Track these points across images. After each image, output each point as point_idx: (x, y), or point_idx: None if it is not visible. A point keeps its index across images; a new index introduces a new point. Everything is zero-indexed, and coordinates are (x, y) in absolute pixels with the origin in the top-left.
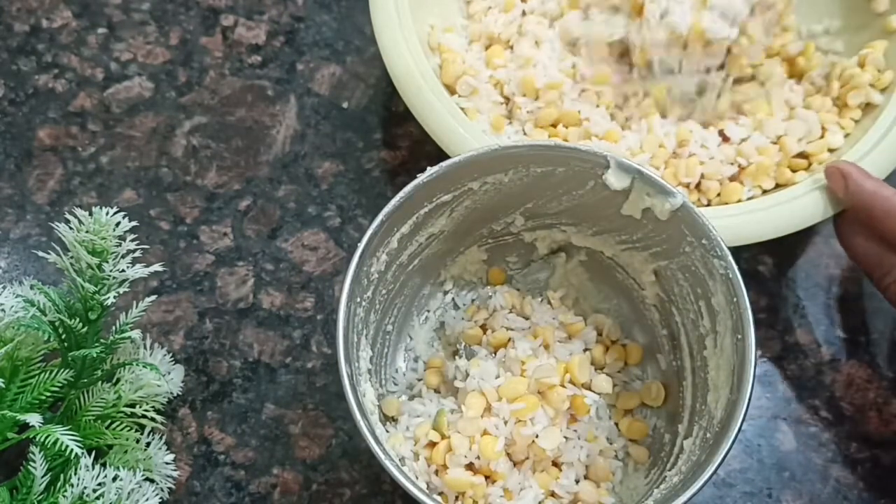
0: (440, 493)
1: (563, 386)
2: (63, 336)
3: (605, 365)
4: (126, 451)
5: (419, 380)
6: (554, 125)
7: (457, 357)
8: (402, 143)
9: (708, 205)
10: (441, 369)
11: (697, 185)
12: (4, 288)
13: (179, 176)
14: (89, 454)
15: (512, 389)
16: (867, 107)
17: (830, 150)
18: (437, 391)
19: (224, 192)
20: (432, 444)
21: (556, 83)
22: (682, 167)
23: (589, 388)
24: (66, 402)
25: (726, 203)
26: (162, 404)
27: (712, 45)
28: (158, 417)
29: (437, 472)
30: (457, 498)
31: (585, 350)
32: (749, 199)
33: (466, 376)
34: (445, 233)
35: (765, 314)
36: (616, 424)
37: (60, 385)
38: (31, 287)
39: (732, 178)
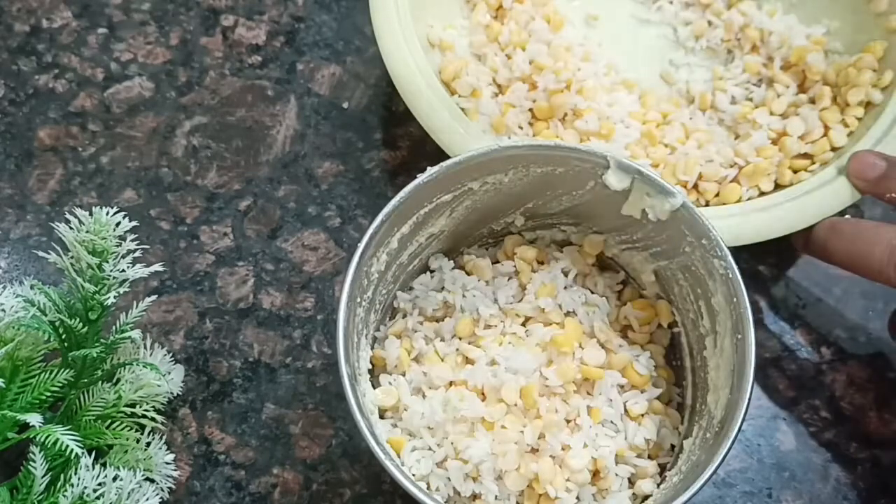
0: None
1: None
2: (63, 336)
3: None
4: (126, 451)
5: None
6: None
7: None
8: (402, 143)
9: (706, 205)
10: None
11: (695, 186)
12: (4, 288)
13: (179, 176)
14: (89, 454)
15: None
16: (868, 105)
17: (834, 149)
18: None
19: (224, 192)
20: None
21: (556, 83)
22: (681, 165)
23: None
24: (67, 402)
25: (725, 203)
26: (162, 404)
27: None
28: (158, 417)
29: None
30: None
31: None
32: (748, 199)
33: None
34: (445, 233)
35: (765, 314)
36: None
37: (60, 385)
38: (32, 287)
39: (731, 181)
